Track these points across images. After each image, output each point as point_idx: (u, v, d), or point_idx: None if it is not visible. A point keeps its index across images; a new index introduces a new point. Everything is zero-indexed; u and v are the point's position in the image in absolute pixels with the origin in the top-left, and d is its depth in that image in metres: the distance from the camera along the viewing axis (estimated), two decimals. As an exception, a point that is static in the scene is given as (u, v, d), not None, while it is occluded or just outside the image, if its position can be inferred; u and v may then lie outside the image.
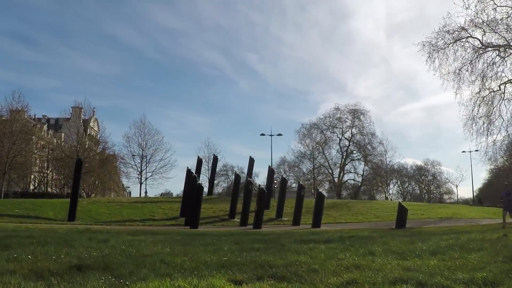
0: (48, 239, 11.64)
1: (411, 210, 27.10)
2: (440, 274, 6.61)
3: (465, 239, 12.48)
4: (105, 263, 7.49)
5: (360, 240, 13.33)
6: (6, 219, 23.33)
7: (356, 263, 8.03)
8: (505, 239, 12.41)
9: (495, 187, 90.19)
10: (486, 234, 14.66)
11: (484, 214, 35.48)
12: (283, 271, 7.08)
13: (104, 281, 6.08)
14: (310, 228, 22.99)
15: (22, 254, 8.29)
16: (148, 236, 14.70)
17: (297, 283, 6.21)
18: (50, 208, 28.76)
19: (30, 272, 6.64)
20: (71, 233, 14.72)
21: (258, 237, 14.65)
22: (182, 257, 8.68)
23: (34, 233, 14.11)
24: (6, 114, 61.50)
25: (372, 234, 16.37)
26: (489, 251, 9.36)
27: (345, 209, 35.00)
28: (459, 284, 5.95)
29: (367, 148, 74.21)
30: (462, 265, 7.64)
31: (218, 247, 11.13)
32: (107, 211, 29.24)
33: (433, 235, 15.11)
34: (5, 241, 10.77)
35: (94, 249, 9.57)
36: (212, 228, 22.69)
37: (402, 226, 21.57)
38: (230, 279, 6.42)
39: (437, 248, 10.34)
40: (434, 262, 7.99)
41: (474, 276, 6.39)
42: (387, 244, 11.42)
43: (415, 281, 6.09)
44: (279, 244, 11.90)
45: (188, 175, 30.84)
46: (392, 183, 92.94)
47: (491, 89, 35.09)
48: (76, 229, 17.71)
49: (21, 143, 58.75)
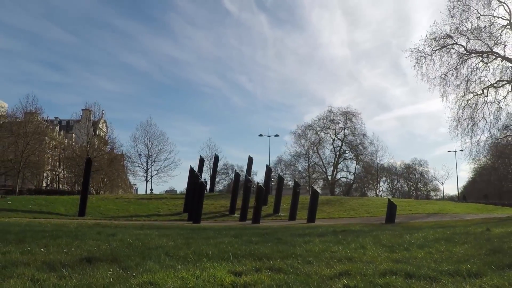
0: (59, 233, 11.62)
1: (400, 206, 27.12)
2: (427, 266, 6.61)
3: (450, 233, 12.49)
4: (113, 256, 7.48)
5: (352, 234, 13.33)
6: (21, 214, 23.31)
7: (348, 255, 8.03)
8: (488, 233, 12.41)
9: (479, 185, 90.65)
10: (470, 228, 14.67)
11: (469, 210, 35.50)
12: (280, 263, 7.08)
13: (112, 273, 6.07)
14: (305, 223, 23.01)
15: (35, 247, 8.28)
16: (153, 230, 14.69)
17: (293, 274, 6.20)
18: (62, 204, 28.74)
19: (43, 264, 6.63)
20: (81, 227, 14.70)
21: (257, 232, 14.64)
22: (185, 250, 8.68)
23: (46, 227, 14.10)
24: (20, 116, 61.67)
25: (363, 228, 16.37)
26: (473, 245, 9.37)
27: (338, 205, 35.01)
28: (445, 275, 5.95)
29: (359, 148, 74.47)
30: (448, 257, 7.64)
31: (219, 240, 11.12)
32: (115, 207, 29.22)
33: (421, 229, 15.11)
34: (20, 235, 10.76)
35: (103, 243, 9.56)
36: (214, 223, 22.68)
37: (391, 221, 21.58)
38: (230, 271, 6.42)
39: (424, 241, 10.34)
40: (422, 255, 7.98)
41: (459, 268, 6.38)
42: (377, 238, 11.42)
43: (403, 272, 6.09)
44: (276, 238, 11.89)
45: (191, 173, 30.83)
46: (382, 181, 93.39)
47: (475, 93, 35.16)
48: (86, 224, 17.70)
49: (34, 143, 58.84)
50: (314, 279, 5.86)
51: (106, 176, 65.01)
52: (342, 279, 5.71)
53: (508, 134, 46.00)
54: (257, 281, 5.74)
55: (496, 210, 38.80)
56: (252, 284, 5.58)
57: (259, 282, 5.68)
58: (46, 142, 67.95)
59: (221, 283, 5.60)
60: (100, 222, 19.95)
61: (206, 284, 5.44)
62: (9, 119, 64.30)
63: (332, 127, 74.72)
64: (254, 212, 23.71)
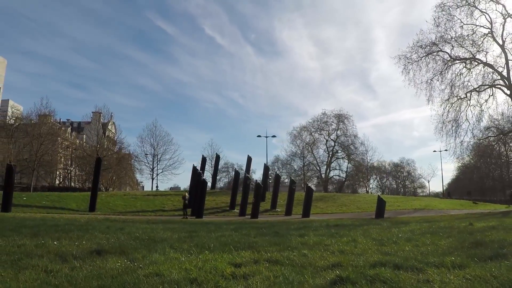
0: (71, 227, 11.62)
1: (389, 202, 27.15)
2: (414, 258, 6.61)
3: (436, 228, 12.49)
4: (121, 248, 7.47)
5: (344, 228, 13.33)
6: (35, 209, 23.29)
7: (340, 248, 8.03)
8: (471, 227, 12.42)
9: (462, 182, 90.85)
10: (454, 223, 14.67)
11: (453, 206, 35.53)
12: (277, 255, 7.08)
13: (120, 264, 6.07)
14: (301, 218, 23.01)
15: (48, 240, 8.27)
16: (158, 224, 14.69)
17: (289, 266, 6.20)
18: (73, 200, 28.72)
19: (56, 256, 6.63)
20: (91, 222, 14.69)
21: (255, 226, 14.64)
22: (188, 243, 8.68)
23: (59, 222, 14.09)
24: (35, 118, 61.88)
25: (354, 223, 16.38)
26: (457, 238, 9.37)
27: (331, 201, 35.03)
28: (430, 266, 5.95)
29: (350, 148, 74.58)
30: (433, 250, 7.65)
31: (220, 234, 11.12)
32: (123, 203, 29.22)
33: (408, 224, 15.12)
34: (34, 229, 10.75)
35: (112, 236, 9.55)
36: (215, 218, 22.68)
37: (381, 216, 21.60)
38: (230, 262, 6.41)
39: (412, 235, 10.34)
40: (409, 248, 7.99)
41: (444, 260, 6.39)
42: (367, 232, 11.43)
43: (392, 264, 6.09)
44: (273, 232, 11.89)
45: (194, 171, 30.86)
46: (372, 178, 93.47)
47: (459, 96, 35.19)
48: (96, 218, 17.69)
49: (48, 144, 58.91)
50: (308, 270, 5.87)
51: (114, 174, 65.18)
52: (334, 270, 5.71)
53: (490, 135, 46.14)
54: (255, 272, 5.74)
55: (478, 206, 38.84)
56: (251, 275, 5.58)
57: (257, 273, 5.68)
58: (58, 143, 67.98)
59: (222, 273, 5.60)
60: (109, 217, 19.94)
61: (208, 275, 5.44)
62: (25, 121, 64.51)
63: (326, 128, 74.86)
64: (253, 208, 23.72)
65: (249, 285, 4.96)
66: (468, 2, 34.04)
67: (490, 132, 44.00)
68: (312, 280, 5.22)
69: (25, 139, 59.43)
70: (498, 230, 11.07)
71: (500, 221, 14.42)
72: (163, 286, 4.73)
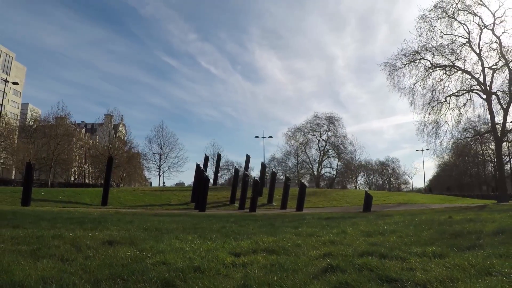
0: (85, 220, 11.60)
1: (375, 197, 27.19)
2: (399, 248, 6.62)
3: (418, 220, 12.49)
4: (131, 239, 7.47)
5: (334, 221, 13.33)
6: (52, 204, 23.26)
7: (331, 239, 8.03)
8: (450, 220, 12.41)
9: (442, 179, 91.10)
10: (435, 216, 14.67)
11: (434, 200, 35.57)
12: (273, 246, 7.08)
13: (130, 254, 6.06)
14: (295, 211, 23.02)
15: (64, 232, 8.26)
16: (165, 217, 14.67)
17: (284, 255, 6.21)
18: (87, 195, 28.69)
19: (71, 246, 6.62)
20: (103, 215, 14.68)
21: (253, 219, 14.63)
22: (192, 234, 8.67)
23: (74, 215, 14.07)
24: (52, 120, 62.10)
25: (344, 216, 16.37)
26: (438, 230, 9.38)
27: (322, 196, 35.04)
28: (413, 256, 5.96)
29: (340, 148, 74.95)
30: (416, 241, 7.65)
31: (221, 226, 11.12)
32: (132, 198, 29.19)
33: (393, 216, 15.11)
34: (51, 221, 10.73)
35: (122, 228, 9.54)
36: (217, 211, 22.68)
37: (368, 209, 21.62)
38: (231, 252, 6.42)
39: (396, 227, 10.35)
40: (394, 239, 7.99)
41: (426, 249, 6.39)
42: (356, 224, 11.43)
43: (378, 253, 6.10)
44: (270, 224, 11.89)
45: (197, 169, 30.86)
46: (360, 175, 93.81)
47: (439, 100, 35.33)
48: (108, 212, 17.67)
49: (64, 143, 59.20)
50: (302, 259, 5.87)
51: (125, 171, 65.40)
52: (326, 259, 5.71)
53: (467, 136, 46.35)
54: (253, 261, 5.74)
55: (457, 200, 38.91)
56: (249, 263, 5.58)
57: (255, 262, 5.68)
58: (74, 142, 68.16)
59: (223, 262, 5.60)
60: (120, 210, 19.93)
61: (210, 264, 5.44)
62: (43, 123, 64.73)
63: (318, 129, 75.24)
64: (251, 202, 23.71)
65: (247, 272, 4.96)
66: (448, 14, 34.20)
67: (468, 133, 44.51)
68: (305, 268, 5.22)
69: (43, 139, 59.83)
70: (475, 222, 11.07)
71: (477, 214, 14.42)
72: (169, 274, 4.73)
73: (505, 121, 34.19)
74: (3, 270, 4.68)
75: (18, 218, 11.40)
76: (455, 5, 33.97)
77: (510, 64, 33.17)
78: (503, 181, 34.58)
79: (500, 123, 34.18)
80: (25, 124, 70.06)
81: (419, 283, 4.43)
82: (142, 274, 4.72)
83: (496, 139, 34.51)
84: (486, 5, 33.30)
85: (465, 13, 34.01)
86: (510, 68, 33.24)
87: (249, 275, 4.77)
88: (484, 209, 19.24)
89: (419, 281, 4.47)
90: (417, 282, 4.46)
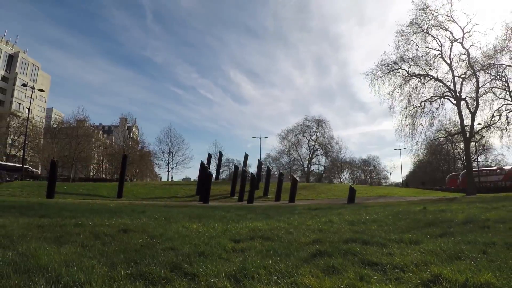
0: (102, 211, 11.58)
1: (358, 190, 27.20)
2: (379, 236, 6.63)
3: (396, 211, 12.52)
4: (143, 228, 7.46)
5: (322, 211, 13.35)
6: (74, 196, 23.21)
7: (319, 227, 8.04)
8: (425, 210, 12.44)
9: (418, 174, 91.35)
10: (411, 207, 14.70)
11: (410, 193, 35.64)
12: (268, 233, 7.08)
13: (142, 240, 6.06)
14: (288, 203, 23.03)
15: (84, 221, 8.25)
16: (173, 208, 14.67)
17: (278, 241, 6.21)
18: (104, 189, 28.64)
19: (90, 234, 6.61)
20: (119, 206, 14.66)
21: (251, 209, 14.64)
22: (197, 223, 8.67)
23: (93, 206, 14.05)
24: (73, 123, 62.32)
25: (331, 207, 16.39)
26: (413, 219, 9.40)
27: (312, 189, 35.07)
28: (392, 242, 5.98)
29: (327, 147, 75.20)
30: (394, 229, 7.67)
31: (223, 215, 11.12)
32: (144, 191, 29.15)
33: (374, 207, 15.14)
34: (73, 212, 10.71)
35: (135, 218, 9.53)
36: (218, 203, 22.66)
37: (352, 201, 21.64)
38: (231, 239, 6.42)
39: (377, 217, 10.36)
40: (375, 227, 8.01)
41: (403, 237, 6.41)
42: (341, 214, 11.44)
43: (361, 240, 6.11)
44: (265, 214, 11.89)
45: (202, 166, 30.84)
46: (345, 171, 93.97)
47: (415, 105, 35.37)
48: (122, 204, 17.64)
49: (84, 143, 59.36)
50: (294, 245, 5.88)
51: (137, 168, 65.44)
52: (315, 245, 5.72)
53: (439, 137, 46.65)
54: (251, 246, 5.74)
55: (430, 193, 38.99)
56: (247, 249, 5.59)
57: (253, 247, 5.69)
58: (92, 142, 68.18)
59: (224, 248, 5.60)
60: (133, 202, 19.90)
61: (213, 249, 5.44)
62: (65, 125, 64.88)
63: (308, 131, 75.53)
64: (249, 195, 23.72)
65: (246, 257, 4.97)
66: (423, 29, 34.34)
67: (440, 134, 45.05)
68: (297, 253, 5.23)
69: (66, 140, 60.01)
70: (446, 212, 11.11)
71: (448, 206, 14.46)
72: (177, 258, 4.73)
73: (473, 123, 34.40)
74: (31, 255, 4.68)
75: (44, 209, 11.39)
76: (428, 21, 34.08)
77: (477, 73, 33.34)
78: (471, 176, 34.67)
79: (468, 126, 34.35)
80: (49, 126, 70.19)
81: (397, 266, 4.44)
82: (153, 258, 4.72)
83: (465, 139, 34.67)
84: (456, 21, 33.45)
85: (438, 28, 34.12)
86: (477, 77, 33.41)
87: (247, 259, 4.77)
88: (454, 201, 19.29)
89: (397, 265, 4.49)
90: (395, 265, 4.48)
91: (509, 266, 4.32)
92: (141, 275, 3.99)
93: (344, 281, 3.86)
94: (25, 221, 8.05)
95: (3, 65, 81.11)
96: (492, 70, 33.17)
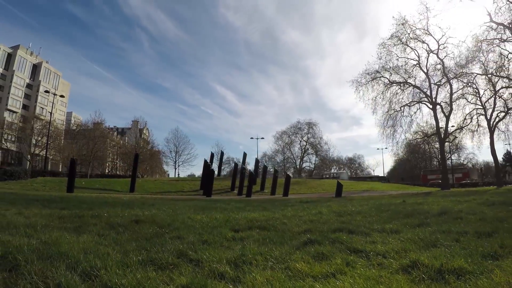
0: (117, 204, 11.56)
1: (345, 185, 27.19)
2: (363, 226, 6.65)
3: (378, 204, 12.54)
4: (153, 219, 7.45)
5: (313, 204, 13.36)
6: (91, 191, 23.14)
7: (310, 218, 8.05)
8: (404, 203, 12.46)
9: (398, 171, 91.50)
10: (392, 200, 14.73)
11: (391, 188, 35.67)
12: (264, 223, 7.09)
13: (152, 230, 6.06)
14: (282, 196, 23.03)
15: (101, 212, 8.23)
16: (179, 201, 14.67)
17: (274, 231, 6.22)
18: (118, 184, 28.58)
19: (106, 224, 6.60)
20: (131, 200, 14.63)
21: (249, 202, 14.64)
22: (201, 214, 8.66)
23: (108, 200, 14.02)
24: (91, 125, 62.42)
25: (320, 200, 16.41)
26: (394, 211, 9.42)
27: (303, 185, 35.09)
28: (375, 232, 5.99)
29: (318, 147, 75.75)
30: (377, 220, 7.68)
31: (224, 208, 11.12)
32: (154, 186, 29.10)
33: (359, 201, 15.17)
34: (90, 204, 10.69)
35: (146, 210, 9.52)
36: (220, 197, 22.64)
37: (339, 195, 21.65)
38: (231, 229, 6.42)
39: (361, 209, 10.38)
40: (360, 218, 8.02)
41: (385, 227, 6.43)
42: (330, 207, 11.45)
43: (347, 230, 6.12)
44: (262, 207, 11.90)
45: (205, 163, 30.83)
46: (333, 168, 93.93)
47: (395, 109, 35.40)
48: (135, 197, 17.61)
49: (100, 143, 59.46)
50: (287, 234, 5.88)
51: (148, 165, 65.41)
52: (306, 234, 5.73)
53: (417, 137, 46.78)
54: (249, 236, 5.75)
55: (409, 188, 39.06)
56: (246, 237, 5.59)
57: (251, 236, 5.69)
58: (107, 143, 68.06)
59: (225, 236, 5.61)
60: (144, 196, 19.86)
61: (215, 238, 5.44)
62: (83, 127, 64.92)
63: (300, 132, 76.05)
64: (247, 189, 23.70)
65: (245, 245, 4.97)
66: (402, 42, 34.43)
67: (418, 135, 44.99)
68: (290, 242, 5.24)
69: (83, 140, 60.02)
70: (423, 205, 11.13)
71: (425, 199, 14.49)
72: (183, 246, 4.73)
73: (447, 126, 34.52)
74: (53, 243, 4.67)
75: (64, 202, 11.36)
76: (407, 34, 34.15)
77: (451, 81, 33.49)
78: (446, 173, 34.81)
79: (443, 128, 34.52)
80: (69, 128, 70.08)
81: (380, 253, 4.45)
82: (162, 246, 4.72)
83: (440, 140, 34.81)
84: (432, 34, 33.54)
85: (416, 41, 34.19)
86: (451, 84, 33.55)
87: (246, 247, 4.78)
88: (430, 195, 19.34)
89: (379, 252, 4.50)
90: (378, 252, 4.49)
91: (479, 252, 4.34)
92: (151, 261, 4.00)
93: (332, 266, 3.87)
94: (48, 213, 8.03)
95: (28, 74, 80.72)
96: (464, 78, 33.38)
